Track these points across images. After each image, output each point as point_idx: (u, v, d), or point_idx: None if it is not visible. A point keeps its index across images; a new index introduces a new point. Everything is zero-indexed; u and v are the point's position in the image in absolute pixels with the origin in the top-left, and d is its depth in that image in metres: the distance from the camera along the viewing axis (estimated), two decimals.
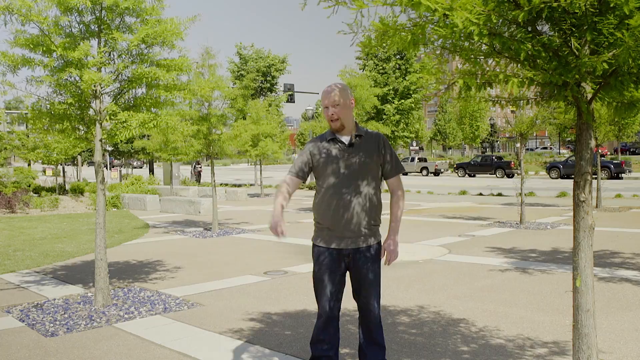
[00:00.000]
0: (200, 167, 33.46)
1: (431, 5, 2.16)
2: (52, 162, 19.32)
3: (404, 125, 25.39)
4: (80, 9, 5.21)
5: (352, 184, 3.17)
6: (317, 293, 3.26)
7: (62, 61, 5.25)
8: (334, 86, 3.21)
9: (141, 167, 64.93)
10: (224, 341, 4.47)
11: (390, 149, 3.33)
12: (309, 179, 3.34)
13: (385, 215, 3.33)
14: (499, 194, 21.07)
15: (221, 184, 29.26)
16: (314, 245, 3.32)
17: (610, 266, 7.15)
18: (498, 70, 2.59)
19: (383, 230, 3.28)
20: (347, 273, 3.30)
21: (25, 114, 5.68)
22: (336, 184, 3.16)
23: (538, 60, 2.44)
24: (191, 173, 33.48)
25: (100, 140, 5.51)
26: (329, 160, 3.18)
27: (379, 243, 3.31)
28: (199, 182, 32.20)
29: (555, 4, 2.22)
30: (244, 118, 19.59)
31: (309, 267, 3.36)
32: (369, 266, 3.24)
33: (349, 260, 3.22)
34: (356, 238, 3.20)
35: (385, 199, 3.39)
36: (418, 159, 42.39)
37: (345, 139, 3.23)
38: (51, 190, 19.67)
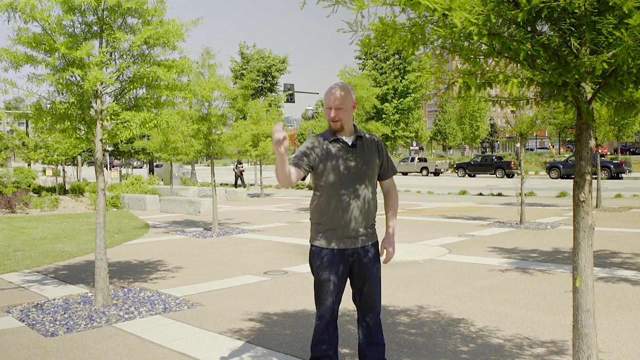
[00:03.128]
0: (242, 167, 27.94)
1: (430, 5, 2.16)
2: (53, 162, 19.32)
3: (404, 125, 25.38)
4: (83, 9, 5.21)
5: (355, 184, 3.18)
6: (320, 294, 3.23)
7: (64, 60, 5.26)
8: (338, 89, 3.19)
9: (141, 167, 64.89)
10: (224, 341, 4.47)
11: (387, 151, 3.41)
12: (308, 177, 3.31)
13: (378, 216, 3.35)
14: (499, 194, 21.06)
15: (221, 184, 29.28)
16: (315, 247, 3.26)
17: (610, 266, 7.15)
18: (498, 70, 2.59)
19: (378, 230, 3.30)
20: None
21: (27, 112, 5.69)
22: (339, 183, 3.17)
23: (538, 60, 2.44)
24: (235, 174, 28.38)
25: (101, 140, 5.52)
26: (332, 160, 3.18)
27: (377, 242, 3.34)
28: (243, 184, 27.84)
29: (554, 4, 2.22)
30: (244, 118, 19.58)
31: (309, 267, 3.35)
32: (372, 265, 3.26)
33: (353, 260, 3.23)
34: (359, 237, 3.22)
35: (379, 199, 3.42)
36: (418, 159, 42.36)
37: (347, 139, 3.24)
38: (51, 190, 19.66)
